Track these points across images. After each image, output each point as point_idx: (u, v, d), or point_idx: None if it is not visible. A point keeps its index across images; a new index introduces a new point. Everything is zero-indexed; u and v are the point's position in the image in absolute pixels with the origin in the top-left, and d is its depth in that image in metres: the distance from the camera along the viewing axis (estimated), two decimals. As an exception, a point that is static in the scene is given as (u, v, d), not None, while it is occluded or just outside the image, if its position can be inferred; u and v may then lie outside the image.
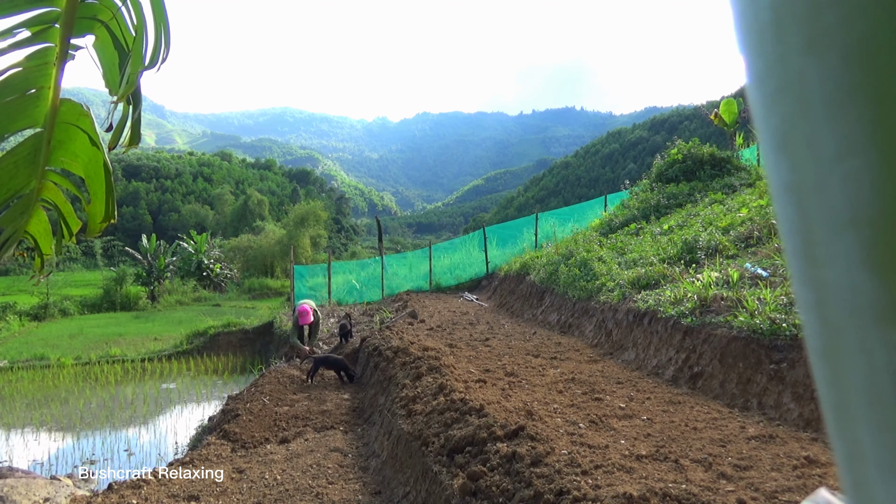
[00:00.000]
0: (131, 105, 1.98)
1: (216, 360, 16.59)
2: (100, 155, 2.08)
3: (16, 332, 22.53)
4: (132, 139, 2.04)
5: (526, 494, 3.28)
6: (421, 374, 6.51)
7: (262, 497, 4.89)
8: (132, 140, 2.04)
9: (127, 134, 2.03)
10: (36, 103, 1.94)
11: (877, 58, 0.27)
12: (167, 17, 1.84)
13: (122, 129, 2.01)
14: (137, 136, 2.05)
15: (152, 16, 1.83)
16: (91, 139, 2.05)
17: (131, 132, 2.03)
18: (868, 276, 0.28)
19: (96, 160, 2.10)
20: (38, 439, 10.49)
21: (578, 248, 12.14)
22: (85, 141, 2.06)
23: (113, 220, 2.25)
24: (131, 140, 2.04)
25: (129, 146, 2.05)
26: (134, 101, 1.98)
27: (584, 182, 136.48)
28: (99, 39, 1.92)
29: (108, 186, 2.16)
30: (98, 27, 1.88)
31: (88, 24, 1.86)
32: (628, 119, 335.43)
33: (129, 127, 2.01)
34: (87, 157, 2.10)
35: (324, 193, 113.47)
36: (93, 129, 2.03)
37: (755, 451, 3.80)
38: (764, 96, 0.33)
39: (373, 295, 19.13)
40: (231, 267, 40.38)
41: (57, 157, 2.09)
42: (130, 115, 1.99)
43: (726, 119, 16.94)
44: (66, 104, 1.97)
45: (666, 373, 6.21)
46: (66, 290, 33.41)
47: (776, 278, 6.19)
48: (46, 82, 1.91)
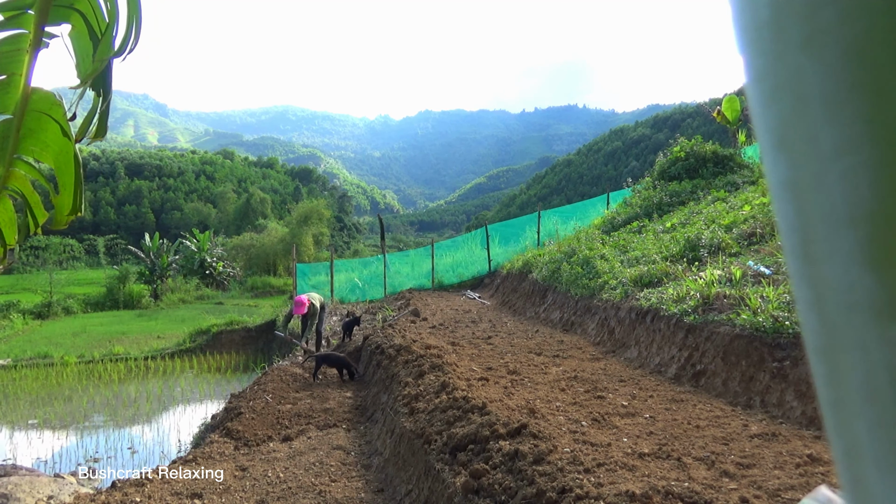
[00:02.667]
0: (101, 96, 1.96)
1: (219, 358, 16.63)
2: (70, 146, 2.05)
3: (19, 331, 22.60)
4: (98, 131, 2.01)
5: (528, 492, 3.28)
6: (423, 372, 6.51)
7: (264, 495, 4.90)
8: (98, 132, 2.01)
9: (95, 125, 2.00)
10: (6, 90, 1.92)
11: (875, 55, 0.27)
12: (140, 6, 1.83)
13: (90, 121, 1.99)
14: (104, 129, 2.02)
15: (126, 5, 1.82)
16: (63, 129, 2.02)
17: (98, 123, 1.99)
18: (866, 274, 0.28)
19: (67, 151, 2.07)
20: (41, 437, 10.53)
21: (581, 246, 12.13)
22: (56, 131, 2.03)
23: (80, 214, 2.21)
24: (98, 132, 2.01)
25: (95, 138, 2.02)
26: (104, 91, 1.96)
27: (587, 180, 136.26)
28: (74, 28, 1.89)
29: (77, 179, 2.13)
30: (74, 16, 1.86)
31: (64, 13, 1.84)
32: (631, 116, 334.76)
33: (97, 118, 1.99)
34: (57, 148, 2.07)
35: (326, 192, 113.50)
36: (65, 120, 2.01)
37: (758, 449, 3.80)
38: (762, 94, 0.33)
39: (375, 293, 19.14)
40: (234, 265, 40.46)
41: (26, 145, 2.07)
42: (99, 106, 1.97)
43: (729, 116, 16.91)
44: (38, 93, 1.95)
45: (668, 371, 6.21)
46: (70, 289, 33.53)
47: (779, 276, 6.18)
48: (18, 69, 1.89)
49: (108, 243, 60.39)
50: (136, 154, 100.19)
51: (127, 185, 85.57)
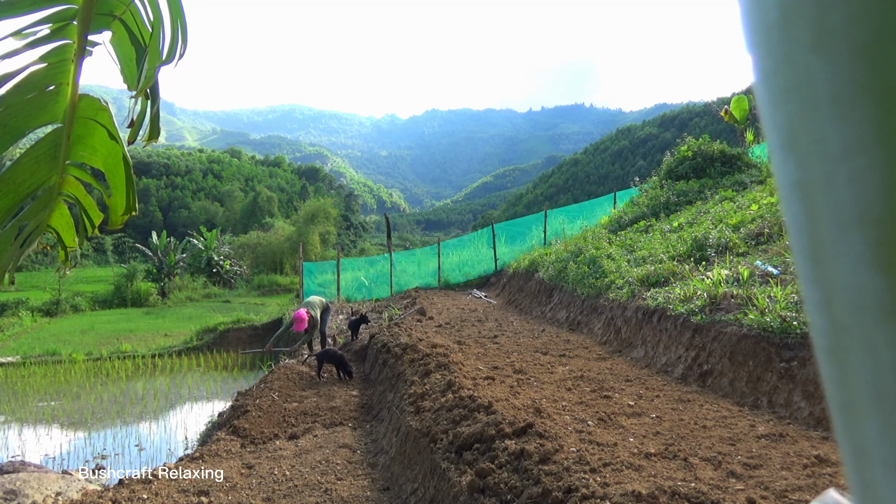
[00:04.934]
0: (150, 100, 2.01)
1: (226, 356, 16.67)
2: (119, 148, 2.11)
3: (28, 328, 22.76)
4: (151, 133, 2.07)
5: (534, 492, 3.28)
6: (429, 371, 6.52)
7: (270, 493, 4.92)
8: (151, 134, 2.07)
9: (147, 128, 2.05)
10: (55, 99, 1.96)
11: (883, 56, 0.27)
12: (183, 11, 1.86)
13: (141, 124, 2.03)
14: (157, 131, 2.08)
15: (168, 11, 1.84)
16: (110, 133, 2.07)
17: (150, 126, 2.06)
18: (874, 275, 0.28)
19: (115, 153, 2.13)
20: (50, 434, 10.59)
21: (587, 246, 12.11)
22: (104, 135, 2.08)
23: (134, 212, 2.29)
24: (150, 134, 2.07)
25: (150, 140, 2.08)
26: (152, 95, 2.01)
27: (594, 179, 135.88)
28: (115, 35, 1.93)
29: (129, 179, 2.19)
30: (114, 23, 1.89)
31: (105, 21, 1.88)
32: (638, 116, 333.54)
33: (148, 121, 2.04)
34: (106, 151, 2.13)
35: (333, 190, 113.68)
36: (111, 124, 2.05)
37: (765, 450, 3.78)
38: (771, 94, 0.33)
39: (381, 292, 19.15)
40: (240, 263, 40.59)
41: (77, 151, 2.12)
42: (149, 110, 2.02)
43: (737, 116, 16.84)
44: (85, 99, 1.99)
45: (675, 371, 6.19)
46: (78, 287, 33.74)
47: (787, 276, 6.15)
48: (65, 78, 1.93)
49: (115, 241, 60.65)
50: (144, 153, 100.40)
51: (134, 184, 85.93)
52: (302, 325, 10.08)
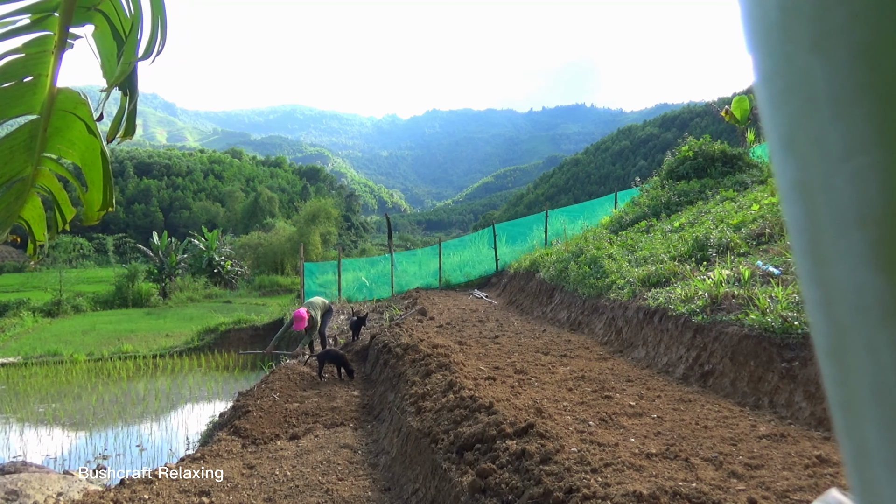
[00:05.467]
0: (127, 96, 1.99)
1: (227, 356, 16.67)
2: (97, 143, 2.08)
3: (29, 328, 22.76)
4: (127, 130, 2.04)
5: (535, 492, 3.28)
6: (430, 372, 6.52)
7: (272, 493, 4.92)
8: (127, 131, 2.04)
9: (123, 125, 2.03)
10: (33, 90, 1.95)
11: (884, 57, 0.27)
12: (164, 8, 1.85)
13: (119, 120, 2.01)
14: (132, 127, 2.05)
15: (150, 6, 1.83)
16: (88, 127, 2.05)
17: (126, 123, 2.03)
18: (875, 276, 0.28)
19: (93, 148, 2.11)
20: (51, 434, 10.59)
21: (588, 246, 12.10)
22: (82, 129, 2.06)
23: (111, 209, 2.25)
24: (126, 131, 2.04)
25: (124, 137, 2.05)
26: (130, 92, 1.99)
27: (595, 179, 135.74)
28: (98, 29, 1.92)
29: (106, 174, 2.16)
30: (97, 17, 1.88)
31: (88, 14, 1.86)
32: (639, 116, 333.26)
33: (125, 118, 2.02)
34: (83, 146, 2.10)
35: (333, 191, 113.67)
36: (90, 118, 2.04)
37: (766, 450, 3.78)
38: (771, 95, 0.33)
39: (382, 292, 19.15)
40: (242, 264, 40.59)
41: (53, 144, 2.10)
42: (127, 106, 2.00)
43: (738, 116, 16.83)
44: (64, 92, 1.97)
45: (676, 371, 6.19)
46: (79, 287, 33.72)
47: (788, 276, 6.15)
48: (44, 70, 1.92)
49: (117, 242, 60.71)
50: (145, 153, 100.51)
51: (136, 184, 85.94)
52: (301, 323, 10.08)
